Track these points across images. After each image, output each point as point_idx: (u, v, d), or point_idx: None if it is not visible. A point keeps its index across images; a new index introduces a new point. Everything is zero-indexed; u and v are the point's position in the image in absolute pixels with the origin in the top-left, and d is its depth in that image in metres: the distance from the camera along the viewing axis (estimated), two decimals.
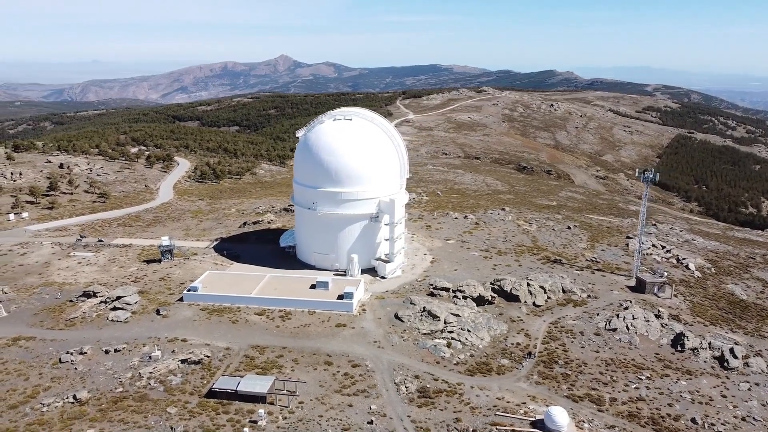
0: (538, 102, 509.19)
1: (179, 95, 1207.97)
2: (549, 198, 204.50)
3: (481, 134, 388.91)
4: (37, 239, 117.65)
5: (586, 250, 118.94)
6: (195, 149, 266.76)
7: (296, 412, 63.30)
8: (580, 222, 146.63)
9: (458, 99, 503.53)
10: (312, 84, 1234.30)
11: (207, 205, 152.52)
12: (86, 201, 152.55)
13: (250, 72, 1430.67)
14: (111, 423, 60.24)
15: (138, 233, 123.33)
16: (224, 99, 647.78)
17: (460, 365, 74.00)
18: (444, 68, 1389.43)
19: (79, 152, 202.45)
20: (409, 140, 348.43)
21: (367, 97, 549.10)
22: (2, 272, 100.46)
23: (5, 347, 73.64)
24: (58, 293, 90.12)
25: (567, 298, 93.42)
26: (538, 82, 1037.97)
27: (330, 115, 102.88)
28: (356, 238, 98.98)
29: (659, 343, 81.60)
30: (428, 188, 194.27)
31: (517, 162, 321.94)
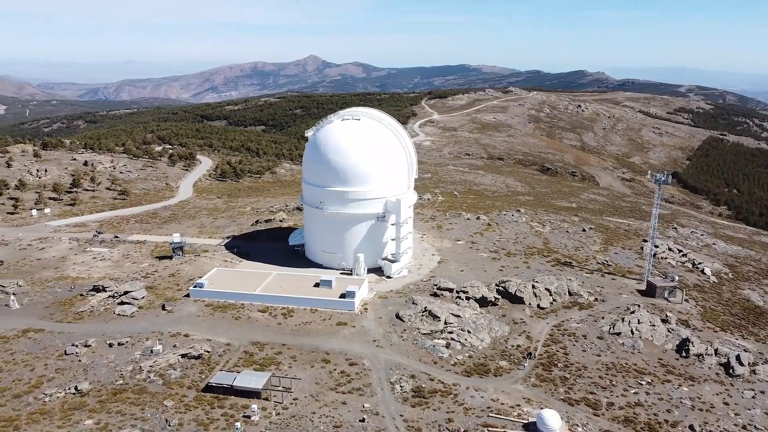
0: (566, 103, 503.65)
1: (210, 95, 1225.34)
2: (569, 200, 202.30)
3: (505, 135, 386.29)
4: (56, 234, 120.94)
5: (599, 252, 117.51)
6: (218, 148, 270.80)
7: (290, 408, 64.09)
8: (597, 224, 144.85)
9: (484, 99, 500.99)
10: (340, 84, 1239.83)
11: (223, 203, 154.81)
12: (107, 198, 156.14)
13: (280, 72, 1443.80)
14: (109, 414, 61.83)
15: (154, 230, 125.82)
16: (251, 99, 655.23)
17: (458, 366, 73.94)
18: (473, 68, 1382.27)
19: (104, 150, 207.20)
20: (432, 141, 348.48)
21: (392, 97, 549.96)
22: (20, 266, 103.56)
23: (15, 338, 76.02)
24: (70, 287, 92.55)
25: (573, 300, 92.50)
26: (567, 83, 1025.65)
27: (338, 115, 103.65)
28: (363, 237, 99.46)
29: (664, 348, 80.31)
30: (446, 189, 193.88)
31: (541, 163, 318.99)
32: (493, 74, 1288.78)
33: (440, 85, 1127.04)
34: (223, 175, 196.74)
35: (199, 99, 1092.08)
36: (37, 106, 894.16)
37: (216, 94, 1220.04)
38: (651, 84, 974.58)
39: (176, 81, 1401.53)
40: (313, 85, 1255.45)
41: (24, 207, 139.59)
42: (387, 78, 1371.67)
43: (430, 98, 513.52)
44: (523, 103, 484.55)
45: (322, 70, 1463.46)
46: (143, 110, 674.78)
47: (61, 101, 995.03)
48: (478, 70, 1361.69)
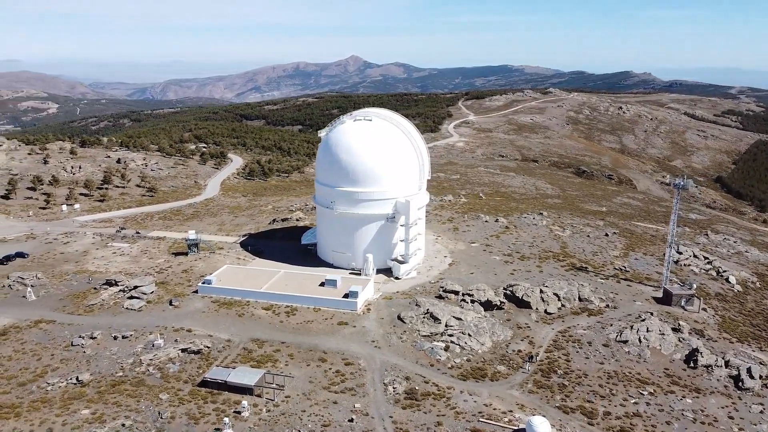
0: (606, 104, 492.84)
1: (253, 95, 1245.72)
2: (600, 203, 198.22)
3: (542, 137, 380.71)
4: (82, 230, 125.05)
5: (618, 258, 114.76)
6: (251, 147, 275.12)
7: (281, 405, 64.67)
8: (623, 229, 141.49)
9: (522, 101, 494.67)
10: (381, 84, 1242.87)
11: (247, 202, 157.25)
12: (136, 195, 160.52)
13: (321, 72, 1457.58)
14: (106, 405, 63.58)
15: (175, 227, 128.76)
16: (290, 99, 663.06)
17: (455, 369, 73.30)
18: (515, 69, 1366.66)
19: (138, 148, 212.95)
20: (466, 142, 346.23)
21: (429, 98, 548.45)
22: (44, 259, 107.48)
23: (27, 329, 78.95)
24: (87, 281, 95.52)
25: (583, 306, 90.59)
26: (612, 84, 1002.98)
27: (351, 116, 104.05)
28: (372, 237, 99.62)
29: (671, 357, 77.87)
30: (473, 190, 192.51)
31: (577, 166, 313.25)
32: (536, 75, 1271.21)
33: (481, 85, 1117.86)
34: (251, 173, 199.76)
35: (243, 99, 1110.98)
36: (88, 105, 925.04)
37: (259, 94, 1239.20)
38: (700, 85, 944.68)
39: (221, 81, 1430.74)
40: (354, 86, 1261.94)
41: (55, 202, 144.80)
42: (428, 78, 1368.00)
43: (467, 99, 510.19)
44: (562, 104, 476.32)
45: (363, 71, 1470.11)
46: (186, 109, 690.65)
47: (110, 100, 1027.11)
48: (520, 71, 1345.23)
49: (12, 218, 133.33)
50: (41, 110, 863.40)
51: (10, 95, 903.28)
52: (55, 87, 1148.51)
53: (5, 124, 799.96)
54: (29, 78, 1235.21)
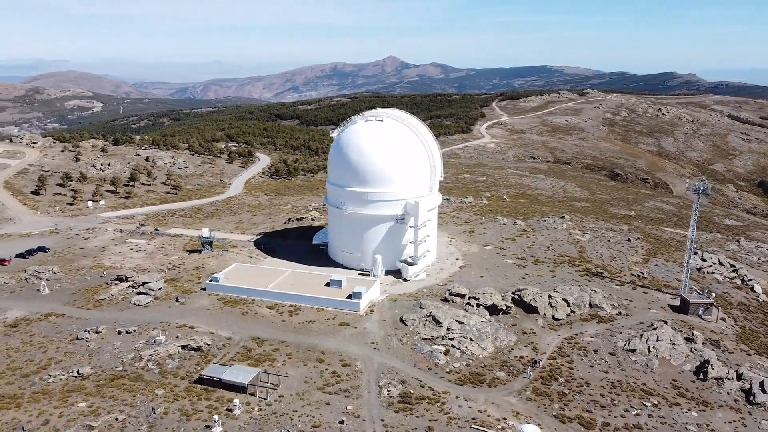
0: (645, 106, 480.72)
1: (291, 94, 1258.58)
2: (630, 207, 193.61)
3: (576, 138, 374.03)
4: (104, 226, 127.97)
5: (637, 264, 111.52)
6: (281, 146, 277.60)
7: (273, 405, 64.76)
8: (648, 234, 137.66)
9: (558, 101, 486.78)
10: (417, 85, 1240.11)
11: (268, 201, 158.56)
12: (161, 192, 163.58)
13: (359, 72, 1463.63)
14: (103, 398, 64.73)
15: (194, 224, 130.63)
16: (325, 99, 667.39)
17: (453, 373, 72.22)
18: (554, 69, 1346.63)
19: (168, 147, 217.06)
20: (497, 143, 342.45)
21: (463, 98, 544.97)
22: (64, 254, 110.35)
23: (37, 322, 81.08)
24: (101, 276, 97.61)
25: (593, 313, 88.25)
26: (655, 85, 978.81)
27: (363, 116, 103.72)
28: (381, 238, 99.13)
29: (680, 368, 75.13)
30: (498, 192, 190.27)
31: (611, 168, 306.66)
32: (576, 75, 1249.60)
33: (519, 86, 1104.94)
34: (276, 173, 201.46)
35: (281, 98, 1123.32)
36: (131, 104, 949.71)
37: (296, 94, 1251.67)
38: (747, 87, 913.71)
39: (259, 81, 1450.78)
40: (391, 86, 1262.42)
41: (81, 199, 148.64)
42: (465, 79, 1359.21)
43: (502, 100, 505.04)
44: (599, 105, 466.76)
45: (400, 71, 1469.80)
46: (223, 109, 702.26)
47: (152, 99, 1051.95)
48: (559, 71, 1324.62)
49: (39, 213, 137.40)
50: (86, 109, 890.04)
51: (58, 94, 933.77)
52: (100, 86, 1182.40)
53: (53, 122, 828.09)
54: (76, 77, 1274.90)
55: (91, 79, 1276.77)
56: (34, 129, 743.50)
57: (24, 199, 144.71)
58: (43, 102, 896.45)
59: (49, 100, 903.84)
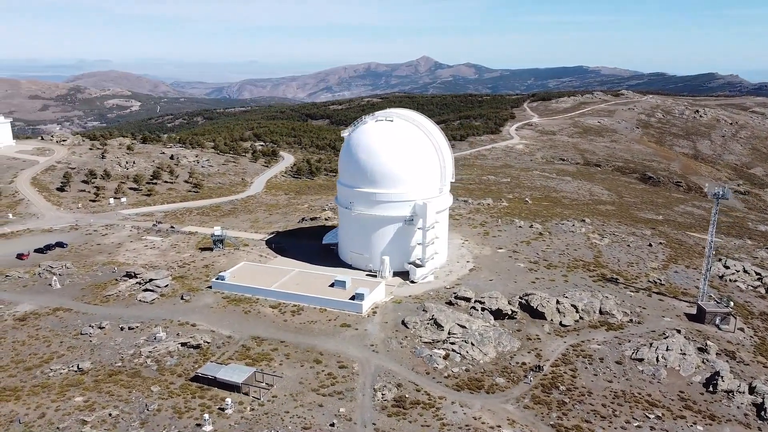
0: (682, 107, 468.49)
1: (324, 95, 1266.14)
2: (658, 212, 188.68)
3: (608, 140, 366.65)
4: (123, 222, 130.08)
5: (655, 270, 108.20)
6: (307, 146, 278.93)
7: (266, 405, 64.53)
8: (672, 239, 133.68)
9: (591, 102, 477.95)
10: (451, 85, 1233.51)
11: (286, 200, 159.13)
12: (182, 190, 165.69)
13: (392, 73, 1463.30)
14: (99, 393, 65.45)
15: (210, 222, 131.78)
16: (356, 99, 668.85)
17: (450, 378, 70.97)
18: (591, 70, 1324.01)
19: (194, 146, 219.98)
20: (526, 144, 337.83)
21: (494, 99, 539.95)
22: (81, 249, 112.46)
23: (45, 316, 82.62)
24: (112, 272, 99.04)
25: (603, 320, 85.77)
26: (694, 87, 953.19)
27: (373, 116, 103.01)
28: (389, 240, 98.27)
29: (689, 380, 72.37)
30: (521, 194, 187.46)
31: (643, 171, 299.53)
32: (613, 76, 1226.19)
33: (554, 87, 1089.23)
34: (298, 172, 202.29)
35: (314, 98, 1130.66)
36: (168, 103, 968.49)
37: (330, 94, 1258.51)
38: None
39: (294, 81, 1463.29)
40: (424, 86, 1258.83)
41: (104, 195, 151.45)
42: (499, 80, 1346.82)
43: (533, 101, 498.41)
44: (634, 107, 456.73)
45: (433, 71, 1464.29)
46: (256, 108, 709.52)
47: (188, 99, 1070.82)
48: (596, 72, 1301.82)
49: (62, 210, 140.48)
50: (125, 108, 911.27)
51: (98, 93, 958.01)
52: (139, 86, 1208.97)
53: (92, 120, 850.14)
54: (116, 77, 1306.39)
55: (130, 79, 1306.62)
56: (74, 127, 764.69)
57: (49, 196, 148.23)
58: (84, 101, 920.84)
59: (90, 99, 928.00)
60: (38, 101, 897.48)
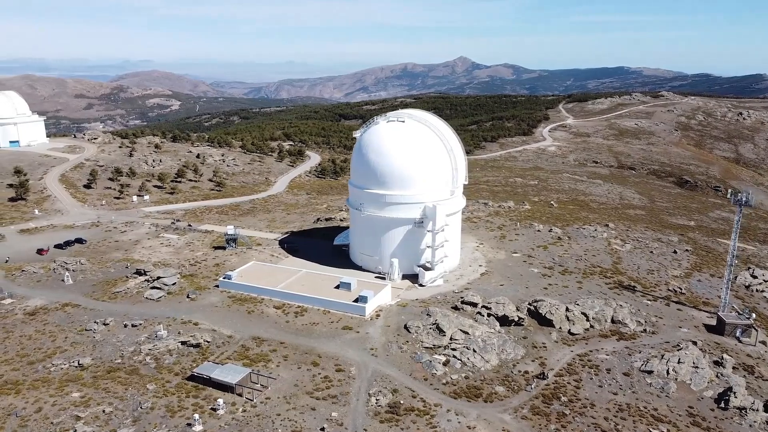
0: (724, 109, 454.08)
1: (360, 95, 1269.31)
2: (691, 217, 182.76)
3: (645, 143, 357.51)
4: (142, 220, 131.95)
5: (677, 278, 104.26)
6: (335, 146, 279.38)
7: (258, 406, 64.12)
8: (700, 246, 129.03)
9: (628, 104, 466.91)
10: (488, 86, 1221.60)
11: (306, 200, 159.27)
12: (205, 189, 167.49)
13: (429, 73, 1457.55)
14: (96, 390, 66.04)
15: (228, 221, 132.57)
16: (389, 99, 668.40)
17: (449, 385, 69.34)
18: (632, 71, 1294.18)
19: (222, 145, 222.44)
20: (558, 146, 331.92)
21: (529, 100, 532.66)
22: (99, 246, 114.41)
23: (53, 311, 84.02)
24: (126, 268, 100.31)
25: (614, 329, 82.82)
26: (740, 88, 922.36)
27: (385, 117, 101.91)
28: (399, 242, 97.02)
29: (700, 395, 69.13)
30: (548, 197, 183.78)
31: (679, 175, 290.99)
32: (655, 77, 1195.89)
33: (594, 88, 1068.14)
34: (322, 172, 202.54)
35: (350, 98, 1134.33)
36: (206, 103, 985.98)
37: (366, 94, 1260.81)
38: None
39: (330, 81, 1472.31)
40: (461, 87, 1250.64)
41: (128, 193, 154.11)
42: (537, 80, 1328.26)
43: (569, 102, 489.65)
44: (673, 109, 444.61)
45: (470, 72, 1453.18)
46: (291, 108, 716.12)
47: (227, 98, 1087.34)
48: (638, 73, 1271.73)
49: (87, 206, 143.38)
50: (165, 107, 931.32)
51: (140, 93, 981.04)
52: (180, 86, 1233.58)
53: (134, 119, 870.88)
54: (158, 77, 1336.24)
55: (171, 79, 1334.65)
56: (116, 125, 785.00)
57: (75, 192, 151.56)
58: (126, 100, 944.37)
59: (132, 98, 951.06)
60: (83, 100, 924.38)
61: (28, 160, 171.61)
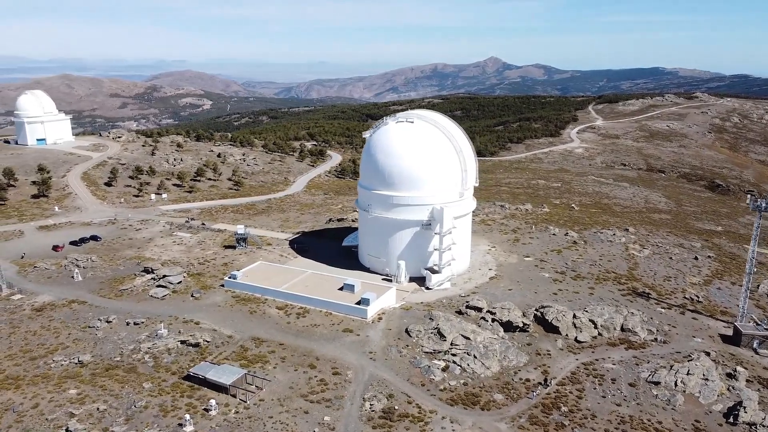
0: (761, 111, 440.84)
1: (390, 95, 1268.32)
2: (719, 222, 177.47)
3: (676, 145, 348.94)
4: (158, 218, 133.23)
5: (695, 285, 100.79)
6: (358, 146, 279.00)
7: (251, 408, 63.70)
8: (725, 253, 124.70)
9: (660, 105, 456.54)
10: (518, 86, 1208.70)
11: (322, 200, 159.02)
12: (224, 188, 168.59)
13: (459, 74, 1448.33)
14: (93, 387, 66.45)
15: (242, 220, 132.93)
16: (417, 100, 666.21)
17: (446, 392, 67.95)
18: (667, 72, 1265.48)
19: (244, 144, 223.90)
20: (586, 148, 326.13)
21: (558, 101, 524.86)
22: (113, 243, 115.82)
23: (60, 307, 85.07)
24: (137, 265, 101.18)
25: (623, 337, 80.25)
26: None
27: (394, 117, 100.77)
28: (406, 244, 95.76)
29: (709, 408, 66.35)
30: (569, 200, 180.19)
31: (711, 179, 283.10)
32: (691, 78, 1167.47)
33: (627, 89, 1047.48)
34: (342, 172, 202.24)
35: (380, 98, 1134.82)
36: (237, 102, 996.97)
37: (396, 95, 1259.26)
38: None
39: (360, 81, 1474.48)
40: (491, 87, 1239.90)
41: (147, 191, 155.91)
42: (569, 81, 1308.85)
43: (599, 103, 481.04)
44: (707, 110, 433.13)
45: (501, 72, 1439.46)
46: (319, 108, 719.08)
47: (257, 98, 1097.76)
48: (673, 74, 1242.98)
49: (106, 204, 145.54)
50: (197, 106, 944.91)
51: (173, 92, 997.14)
52: (212, 85, 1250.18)
53: (167, 118, 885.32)
54: (191, 77, 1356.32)
55: (204, 78, 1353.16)
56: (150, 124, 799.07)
57: (96, 190, 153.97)
58: (160, 99, 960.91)
59: (165, 98, 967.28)
60: (118, 99, 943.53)
61: (53, 157, 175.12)
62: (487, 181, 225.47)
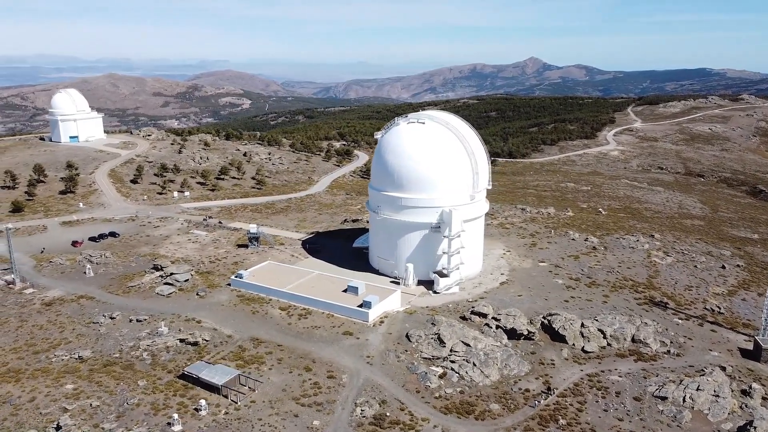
0: None
1: (428, 95, 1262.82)
2: (757, 230, 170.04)
3: (718, 149, 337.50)
4: (177, 216, 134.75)
5: (718, 295, 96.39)
6: None
7: (242, 410, 63.28)
8: (756, 262, 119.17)
9: (703, 108, 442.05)
10: (559, 87, 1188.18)
11: (342, 200, 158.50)
12: (246, 187, 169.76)
13: (498, 74, 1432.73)
14: (89, 383, 67.08)
15: (259, 219, 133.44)
16: (452, 100, 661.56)
17: (441, 399, 66.27)
18: (714, 73, 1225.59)
19: (272, 143, 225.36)
20: (622, 151, 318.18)
21: (596, 102, 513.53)
22: (130, 240, 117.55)
23: (68, 302, 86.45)
24: (147, 263, 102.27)
25: (634, 348, 77.04)
26: None
27: (405, 118, 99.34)
28: (415, 247, 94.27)
29: (717, 427, 62.94)
30: (598, 204, 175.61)
31: (753, 184, 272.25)
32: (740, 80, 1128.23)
33: (672, 90, 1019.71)
34: (367, 172, 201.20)
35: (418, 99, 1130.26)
36: (276, 102, 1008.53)
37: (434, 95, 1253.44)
38: None
39: (398, 81, 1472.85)
40: (530, 88, 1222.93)
41: (170, 189, 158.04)
42: (611, 82, 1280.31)
43: (638, 104, 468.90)
44: (753, 113, 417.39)
45: (541, 73, 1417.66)
46: (355, 108, 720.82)
47: (296, 98, 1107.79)
48: (721, 75, 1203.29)
49: (129, 201, 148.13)
50: (236, 106, 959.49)
51: (213, 92, 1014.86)
52: (252, 85, 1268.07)
53: (207, 117, 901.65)
54: (231, 76, 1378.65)
55: (244, 78, 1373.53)
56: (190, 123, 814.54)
57: (121, 187, 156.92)
58: (200, 98, 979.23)
59: (206, 97, 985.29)
60: (160, 98, 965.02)
61: (84, 154, 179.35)
62: (515, 183, 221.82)
